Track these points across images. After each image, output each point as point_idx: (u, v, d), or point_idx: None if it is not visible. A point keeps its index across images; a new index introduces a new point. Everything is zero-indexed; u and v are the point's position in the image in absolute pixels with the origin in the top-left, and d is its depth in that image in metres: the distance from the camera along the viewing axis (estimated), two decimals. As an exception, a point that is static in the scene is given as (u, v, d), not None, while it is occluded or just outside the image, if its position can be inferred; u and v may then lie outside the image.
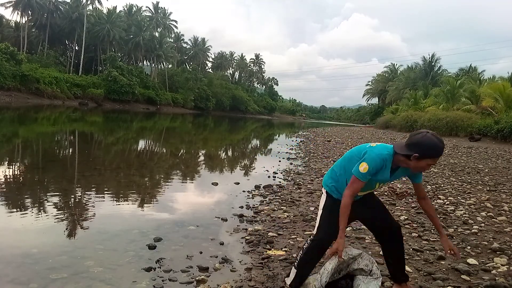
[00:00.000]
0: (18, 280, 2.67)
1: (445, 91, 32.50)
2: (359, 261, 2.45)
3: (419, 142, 2.16)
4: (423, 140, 2.15)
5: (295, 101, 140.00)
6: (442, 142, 2.18)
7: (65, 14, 56.42)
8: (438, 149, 2.16)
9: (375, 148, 2.32)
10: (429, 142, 2.14)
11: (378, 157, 2.26)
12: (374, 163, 2.26)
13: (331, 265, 2.35)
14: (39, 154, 9.29)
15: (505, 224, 4.50)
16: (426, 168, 2.25)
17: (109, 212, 4.70)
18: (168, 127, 26.20)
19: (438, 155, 2.19)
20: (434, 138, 2.15)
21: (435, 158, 2.20)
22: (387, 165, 2.29)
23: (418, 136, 2.18)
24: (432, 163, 2.22)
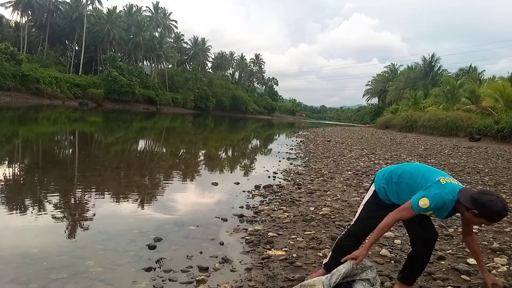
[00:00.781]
0: (18, 280, 2.67)
1: (445, 91, 32.52)
2: (367, 273, 2.52)
3: (485, 204, 2.13)
4: (490, 205, 2.13)
5: (295, 101, 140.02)
6: (506, 212, 2.15)
7: (65, 14, 56.42)
8: (499, 217, 2.17)
9: (444, 187, 2.24)
10: (495, 209, 2.12)
11: (442, 199, 2.22)
12: (435, 203, 2.22)
13: (344, 269, 2.39)
14: (39, 154, 9.29)
15: (505, 224, 4.50)
16: (477, 224, 2.30)
17: (109, 212, 4.70)
18: (168, 127, 26.21)
19: (495, 221, 2.21)
20: (501, 206, 2.12)
21: (491, 222, 2.21)
22: (447, 208, 2.26)
23: (487, 198, 2.15)
24: (486, 224, 2.23)
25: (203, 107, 71.48)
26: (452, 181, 2.29)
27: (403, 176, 2.45)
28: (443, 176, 2.31)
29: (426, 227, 2.49)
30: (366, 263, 2.54)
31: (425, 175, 2.35)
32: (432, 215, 2.41)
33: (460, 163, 10.62)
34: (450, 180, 2.28)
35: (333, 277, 2.36)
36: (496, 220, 2.20)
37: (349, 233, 2.61)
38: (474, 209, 2.15)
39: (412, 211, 2.25)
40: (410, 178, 2.41)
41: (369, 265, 2.54)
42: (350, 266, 2.38)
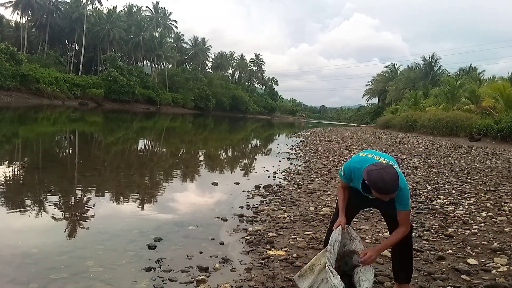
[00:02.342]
0: (18, 280, 2.67)
1: (445, 91, 32.51)
2: (356, 244, 2.58)
3: (366, 173, 2.26)
4: (369, 174, 2.25)
5: (295, 101, 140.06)
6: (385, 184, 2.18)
7: (65, 14, 56.43)
8: (375, 186, 2.22)
9: (356, 158, 2.53)
10: (371, 177, 2.22)
11: (349, 166, 2.52)
12: (345, 169, 2.56)
13: (336, 235, 2.50)
14: (39, 154, 9.29)
15: (505, 224, 4.50)
16: (378, 197, 2.30)
17: (109, 212, 4.70)
18: (168, 127, 26.21)
19: (379, 192, 2.22)
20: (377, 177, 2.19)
21: (378, 193, 2.25)
22: (357, 177, 2.45)
23: (370, 167, 2.27)
24: (378, 196, 2.28)
25: (203, 107, 71.49)
26: (377, 157, 2.43)
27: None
28: (369, 152, 2.52)
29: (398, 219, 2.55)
30: (352, 232, 2.63)
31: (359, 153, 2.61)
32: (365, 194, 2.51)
33: (460, 163, 10.62)
34: (373, 155, 2.45)
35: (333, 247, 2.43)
36: (377, 191, 2.22)
37: (331, 224, 2.77)
38: (365, 180, 2.28)
39: (340, 178, 2.65)
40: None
41: (355, 235, 2.62)
42: (340, 231, 2.52)
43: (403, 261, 2.60)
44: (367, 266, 2.46)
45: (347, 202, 2.65)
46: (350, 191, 2.67)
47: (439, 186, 6.80)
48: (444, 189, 6.54)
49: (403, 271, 2.61)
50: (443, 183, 7.13)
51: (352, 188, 2.67)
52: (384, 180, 2.18)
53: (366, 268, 2.45)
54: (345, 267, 2.60)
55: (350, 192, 2.66)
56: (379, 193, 2.24)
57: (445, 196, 5.98)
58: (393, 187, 2.21)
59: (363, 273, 2.42)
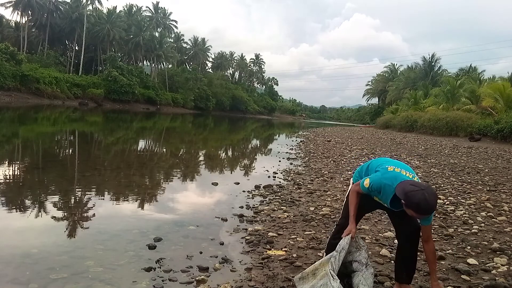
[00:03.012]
0: (18, 280, 2.67)
1: (445, 91, 32.52)
2: (361, 253, 2.58)
3: (407, 194, 2.23)
4: (411, 195, 2.21)
5: (295, 101, 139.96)
6: (428, 205, 2.17)
7: (65, 14, 56.43)
8: (419, 208, 2.20)
9: (386, 173, 2.43)
10: (414, 200, 2.19)
11: (380, 182, 2.43)
12: (373, 184, 2.45)
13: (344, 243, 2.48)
14: (39, 154, 9.29)
15: (505, 224, 4.50)
16: (413, 215, 2.30)
17: (109, 212, 4.70)
18: (168, 127, 26.21)
19: (420, 213, 2.22)
20: (421, 198, 2.17)
21: (416, 214, 2.24)
22: (386, 194, 2.41)
23: (410, 188, 2.24)
24: (415, 215, 2.27)
25: (203, 107, 71.47)
26: (404, 172, 2.42)
27: (370, 167, 2.68)
28: (394, 166, 2.48)
29: (407, 221, 2.53)
30: (360, 242, 2.62)
31: (382, 165, 2.54)
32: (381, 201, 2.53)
33: (460, 163, 10.62)
34: (400, 170, 2.43)
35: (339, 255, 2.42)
36: (418, 212, 2.21)
37: (338, 228, 2.70)
38: (402, 199, 2.26)
39: (359, 188, 2.54)
40: (371, 168, 2.64)
41: (362, 244, 2.61)
42: (348, 239, 2.49)
43: (406, 262, 2.59)
44: (368, 274, 2.47)
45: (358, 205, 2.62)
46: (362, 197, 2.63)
47: (439, 186, 6.80)
48: (444, 189, 6.54)
49: (406, 271, 2.60)
50: (443, 183, 7.13)
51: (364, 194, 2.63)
52: (427, 203, 2.18)
53: (367, 275, 2.45)
54: (345, 270, 2.60)
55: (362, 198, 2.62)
56: (419, 214, 2.23)
57: (445, 196, 5.98)
58: (434, 208, 2.25)
59: (365, 279, 2.42)
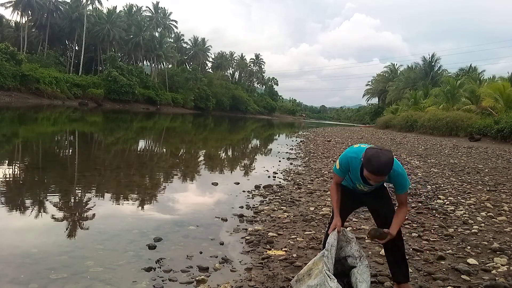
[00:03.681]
0: (18, 280, 2.67)
1: (445, 91, 32.50)
2: (352, 246, 2.58)
3: (365, 153, 2.28)
4: (367, 152, 2.26)
5: (295, 101, 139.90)
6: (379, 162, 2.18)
7: (65, 14, 56.40)
8: (369, 163, 2.22)
9: (351, 148, 2.54)
10: (367, 155, 2.24)
11: (346, 157, 2.50)
12: (341, 162, 2.52)
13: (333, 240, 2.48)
14: (39, 154, 9.29)
15: (505, 224, 4.50)
16: (368, 178, 2.30)
17: (109, 212, 4.70)
18: (168, 127, 26.21)
19: (371, 170, 2.22)
20: (375, 155, 2.20)
21: (370, 174, 2.24)
22: (354, 167, 2.45)
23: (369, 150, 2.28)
24: (367, 175, 2.27)
25: (203, 107, 71.46)
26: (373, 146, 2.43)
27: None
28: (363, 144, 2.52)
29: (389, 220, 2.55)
30: (348, 234, 2.63)
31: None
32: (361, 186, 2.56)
33: (460, 163, 10.62)
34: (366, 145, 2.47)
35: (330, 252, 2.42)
36: (370, 168, 2.21)
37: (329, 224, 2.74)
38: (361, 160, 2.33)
39: (335, 174, 2.61)
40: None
41: (351, 237, 2.62)
42: (336, 235, 2.51)
43: (397, 260, 2.63)
44: (364, 268, 2.46)
45: (341, 204, 2.67)
46: (344, 192, 2.68)
47: (439, 186, 6.80)
48: (444, 189, 6.54)
49: (400, 270, 2.63)
50: (443, 183, 7.13)
51: (345, 188, 2.69)
52: (379, 160, 2.19)
53: (362, 269, 2.45)
54: (342, 267, 2.60)
55: (344, 193, 2.68)
56: (371, 173, 2.23)
57: (445, 196, 5.98)
58: (385, 169, 2.22)
59: (360, 274, 2.43)
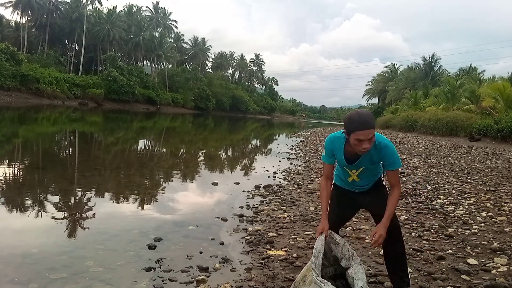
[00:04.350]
0: (18, 280, 2.67)
1: (445, 91, 32.51)
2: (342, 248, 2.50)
3: (343, 120, 2.26)
4: (344, 117, 2.25)
5: (295, 101, 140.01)
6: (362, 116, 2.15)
7: (65, 14, 56.46)
8: (349, 120, 2.19)
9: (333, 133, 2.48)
10: (347, 116, 2.23)
11: (328, 138, 2.45)
12: (325, 144, 2.47)
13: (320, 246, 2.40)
14: (39, 154, 9.29)
15: (505, 224, 4.50)
16: (358, 146, 2.19)
17: (109, 212, 4.70)
18: (168, 127, 26.21)
19: (358, 128, 2.14)
20: (353, 112, 2.21)
21: (357, 132, 2.15)
22: (337, 145, 2.39)
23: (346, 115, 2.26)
24: (357, 137, 2.16)
25: (203, 107, 71.48)
26: None
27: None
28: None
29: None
30: (335, 236, 2.53)
31: None
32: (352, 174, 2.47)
33: (460, 163, 10.62)
34: None
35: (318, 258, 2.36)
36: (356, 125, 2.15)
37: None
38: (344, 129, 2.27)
39: (323, 163, 2.55)
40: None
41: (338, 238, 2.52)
42: (323, 240, 2.44)
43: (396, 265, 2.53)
44: (358, 266, 2.43)
45: (337, 211, 2.58)
46: (340, 196, 2.60)
47: (439, 186, 6.80)
48: (444, 189, 6.54)
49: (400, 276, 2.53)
50: (443, 183, 7.13)
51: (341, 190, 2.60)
52: (358, 113, 2.18)
53: (356, 269, 2.43)
54: (339, 269, 2.59)
55: (340, 196, 2.60)
56: (358, 128, 2.14)
57: (445, 196, 5.98)
58: (369, 118, 2.18)
59: (355, 274, 2.42)
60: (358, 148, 2.23)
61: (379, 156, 2.36)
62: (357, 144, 2.21)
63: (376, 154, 2.34)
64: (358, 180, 2.51)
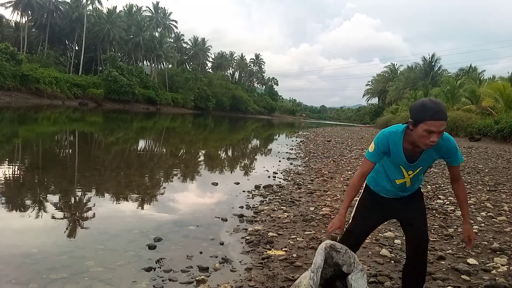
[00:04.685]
0: (18, 280, 2.67)
1: (445, 91, 32.51)
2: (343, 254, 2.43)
3: (411, 107, 1.99)
4: (414, 104, 1.98)
5: (295, 101, 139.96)
6: (437, 103, 1.90)
7: (65, 14, 56.46)
8: (424, 107, 1.90)
9: (383, 130, 2.20)
10: (419, 103, 1.95)
11: (381, 133, 2.15)
12: (378, 140, 2.14)
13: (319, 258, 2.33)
14: (39, 154, 9.29)
15: (505, 224, 4.50)
16: (426, 138, 1.91)
17: (109, 212, 4.70)
18: (168, 127, 26.20)
19: (431, 117, 1.87)
20: (426, 99, 1.95)
21: (428, 121, 1.87)
22: (395, 142, 2.09)
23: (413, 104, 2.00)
24: (427, 127, 1.88)
25: (203, 107, 71.46)
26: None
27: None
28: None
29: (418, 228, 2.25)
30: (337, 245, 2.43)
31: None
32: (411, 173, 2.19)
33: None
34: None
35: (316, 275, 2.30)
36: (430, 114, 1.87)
37: (346, 235, 2.43)
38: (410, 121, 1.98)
39: (366, 160, 2.21)
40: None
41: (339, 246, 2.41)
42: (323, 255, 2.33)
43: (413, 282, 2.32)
44: (359, 273, 2.41)
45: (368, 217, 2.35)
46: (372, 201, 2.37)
47: (439, 186, 6.80)
48: (444, 189, 6.54)
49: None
50: (443, 183, 7.13)
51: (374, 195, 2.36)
52: (433, 101, 1.91)
53: (357, 275, 2.41)
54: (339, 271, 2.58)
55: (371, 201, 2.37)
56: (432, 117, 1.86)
57: (445, 196, 5.98)
58: (444, 109, 1.91)
59: (355, 280, 2.40)
60: (424, 141, 1.94)
61: (441, 152, 2.10)
62: (424, 137, 1.92)
63: (438, 149, 2.08)
64: (409, 184, 2.24)
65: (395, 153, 2.12)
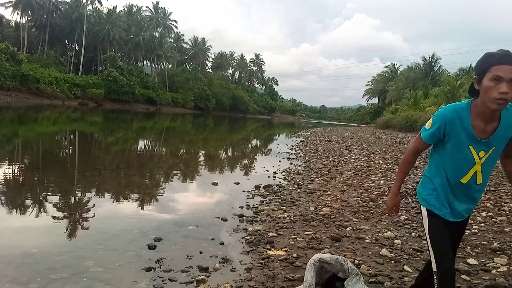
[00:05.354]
0: (18, 280, 2.67)
1: (445, 91, 32.52)
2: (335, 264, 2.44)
3: (475, 64, 1.74)
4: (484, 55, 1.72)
5: (295, 101, 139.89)
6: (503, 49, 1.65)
7: (65, 14, 56.43)
8: (492, 54, 1.65)
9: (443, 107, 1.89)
10: (484, 55, 1.71)
11: (442, 110, 1.82)
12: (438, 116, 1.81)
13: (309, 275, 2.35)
14: (39, 154, 9.29)
15: (505, 224, 4.50)
16: (493, 90, 1.62)
17: (109, 212, 4.70)
18: (168, 127, 26.20)
19: (499, 60, 1.61)
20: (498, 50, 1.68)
21: (497, 66, 1.61)
22: (462, 117, 1.76)
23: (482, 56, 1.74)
24: (497, 72, 1.60)
25: (203, 107, 71.44)
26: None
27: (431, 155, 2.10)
28: None
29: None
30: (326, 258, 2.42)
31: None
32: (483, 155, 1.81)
33: (460, 163, 10.61)
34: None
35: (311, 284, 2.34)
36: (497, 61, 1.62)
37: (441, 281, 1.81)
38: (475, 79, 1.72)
39: (419, 138, 1.93)
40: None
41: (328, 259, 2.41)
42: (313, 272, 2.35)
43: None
44: (355, 277, 2.42)
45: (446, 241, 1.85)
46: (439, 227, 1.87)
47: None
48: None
49: None
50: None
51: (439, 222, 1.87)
52: (502, 49, 1.66)
53: (353, 280, 2.43)
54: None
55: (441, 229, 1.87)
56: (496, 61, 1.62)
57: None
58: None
59: (351, 286, 2.41)
60: (492, 95, 1.64)
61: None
62: (491, 89, 1.63)
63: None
64: (480, 179, 1.86)
65: (461, 130, 1.77)
